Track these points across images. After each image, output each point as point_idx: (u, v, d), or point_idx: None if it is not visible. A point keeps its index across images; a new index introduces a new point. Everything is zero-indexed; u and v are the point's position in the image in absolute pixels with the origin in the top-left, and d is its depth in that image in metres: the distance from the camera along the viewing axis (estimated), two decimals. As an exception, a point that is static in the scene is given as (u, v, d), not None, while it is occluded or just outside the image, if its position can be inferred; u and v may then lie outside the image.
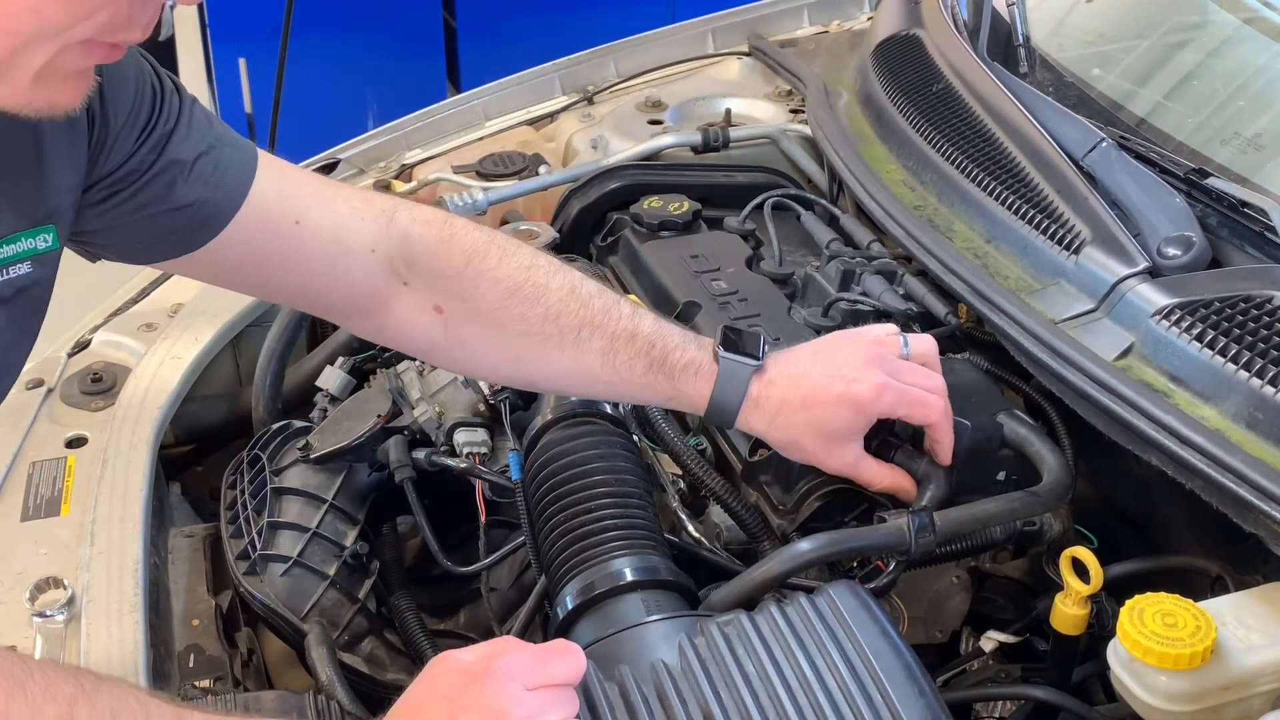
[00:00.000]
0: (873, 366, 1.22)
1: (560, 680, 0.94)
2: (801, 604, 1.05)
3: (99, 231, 1.12)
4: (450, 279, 1.23)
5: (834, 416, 1.20)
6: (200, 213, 1.13)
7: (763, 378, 1.23)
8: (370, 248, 1.21)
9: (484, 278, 1.23)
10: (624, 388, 1.26)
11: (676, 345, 1.24)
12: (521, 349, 1.24)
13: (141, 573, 1.29)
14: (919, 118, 1.65)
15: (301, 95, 3.69)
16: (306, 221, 1.19)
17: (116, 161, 1.09)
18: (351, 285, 1.23)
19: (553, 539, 1.26)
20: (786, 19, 2.36)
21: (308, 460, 1.49)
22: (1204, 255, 1.30)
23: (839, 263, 1.55)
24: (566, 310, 1.23)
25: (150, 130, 1.10)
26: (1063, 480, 1.24)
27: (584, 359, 1.23)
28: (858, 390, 1.20)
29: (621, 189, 1.84)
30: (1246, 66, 1.60)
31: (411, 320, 1.25)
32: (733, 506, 1.31)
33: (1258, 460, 1.09)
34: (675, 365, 1.23)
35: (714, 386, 1.22)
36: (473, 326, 1.24)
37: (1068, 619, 1.16)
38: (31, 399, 1.54)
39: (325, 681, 1.23)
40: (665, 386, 1.24)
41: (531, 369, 1.27)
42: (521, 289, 1.23)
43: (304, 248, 1.19)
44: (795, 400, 1.21)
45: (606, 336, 1.23)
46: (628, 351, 1.23)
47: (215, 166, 1.13)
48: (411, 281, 1.23)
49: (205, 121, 1.15)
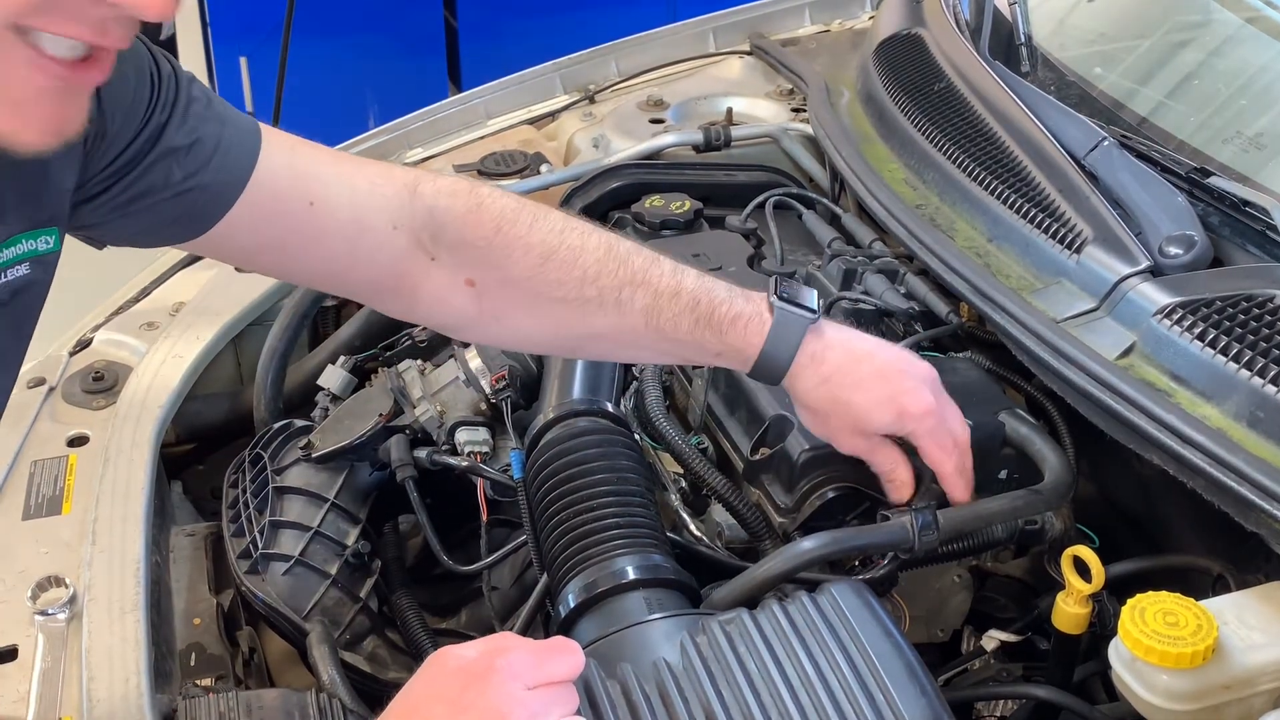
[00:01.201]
0: (929, 386, 1.19)
1: (560, 677, 0.94)
2: (803, 602, 1.05)
3: (98, 225, 1.10)
4: (481, 250, 1.18)
5: (877, 412, 1.17)
6: (201, 197, 1.10)
7: (820, 338, 1.18)
8: (392, 225, 1.16)
9: (516, 245, 1.17)
10: (670, 346, 1.20)
11: (723, 299, 1.18)
12: (561, 315, 1.19)
13: (143, 571, 1.29)
14: (921, 117, 1.65)
15: (303, 94, 3.69)
16: (321, 202, 1.14)
17: (111, 156, 1.06)
18: (375, 265, 1.18)
19: (554, 537, 1.26)
20: (788, 18, 2.36)
21: (309, 459, 1.49)
22: (1205, 254, 1.30)
23: (841, 262, 1.55)
24: (605, 271, 1.17)
25: (147, 121, 1.07)
26: (1064, 479, 1.24)
27: (627, 320, 1.18)
28: (909, 401, 1.17)
29: (623, 188, 1.84)
30: (1248, 65, 1.60)
31: (443, 297, 1.20)
32: (734, 505, 1.31)
33: (1259, 459, 1.09)
34: (724, 319, 1.17)
35: (766, 338, 1.17)
36: (508, 297, 1.19)
37: (1069, 618, 1.16)
38: (33, 398, 1.54)
39: (327, 680, 1.23)
40: (713, 342, 1.18)
41: (572, 334, 1.21)
42: (556, 253, 1.17)
43: (321, 228, 1.14)
44: (850, 375, 1.17)
45: (650, 294, 1.17)
46: (672, 308, 1.17)
47: (215, 149, 1.09)
48: (439, 256, 1.18)
49: (204, 101, 1.11)
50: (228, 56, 3.90)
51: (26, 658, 1.19)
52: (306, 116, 3.65)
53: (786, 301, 1.17)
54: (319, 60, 3.88)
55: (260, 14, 3.77)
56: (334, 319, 1.84)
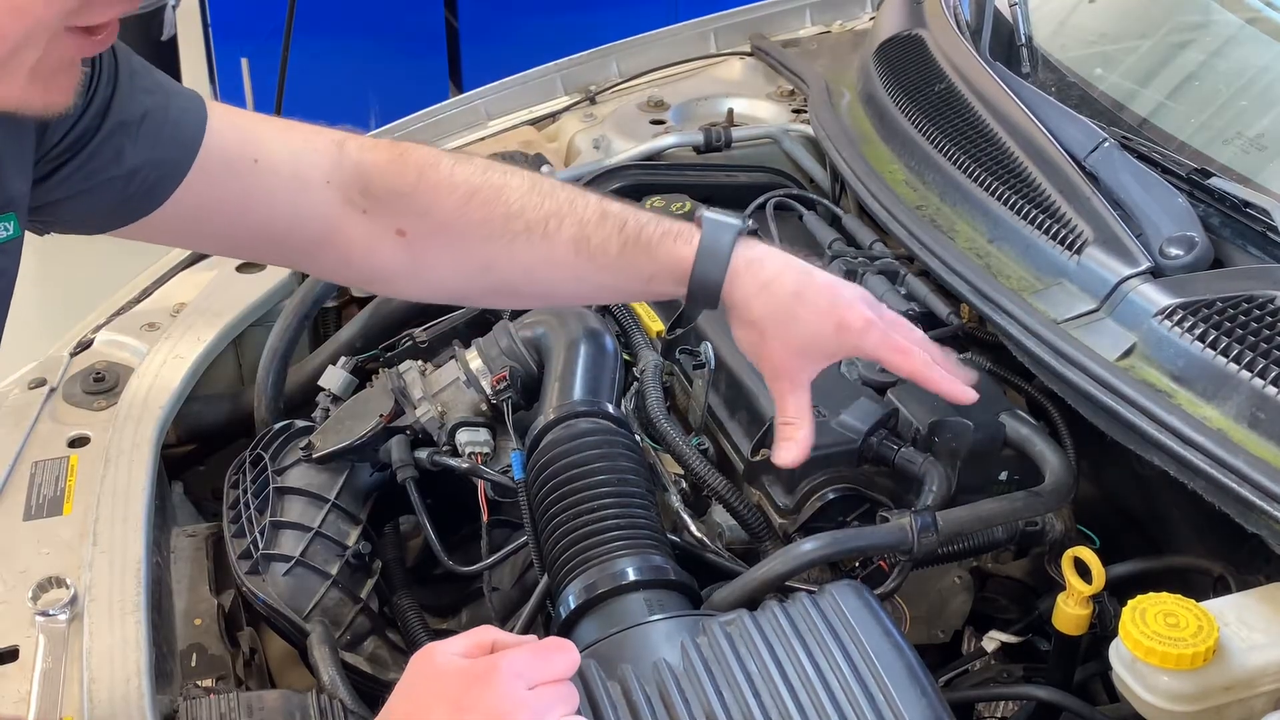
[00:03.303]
0: (864, 304, 1.17)
1: (560, 675, 0.94)
2: (804, 603, 1.05)
3: (55, 204, 1.08)
4: (406, 196, 1.19)
5: (816, 325, 1.15)
6: (154, 172, 1.10)
7: (752, 249, 1.16)
8: (325, 179, 1.19)
9: (439, 188, 1.19)
10: (603, 276, 1.20)
11: (649, 219, 1.18)
12: (489, 253, 1.20)
13: (144, 572, 1.29)
14: (921, 118, 1.65)
15: (304, 95, 3.69)
16: (265, 158, 1.16)
17: (61, 131, 1.05)
18: (314, 221, 1.20)
19: (555, 538, 1.26)
20: (789, 19, 2.36)
21: (310, 460, 1.49)
22: (1206, 255, 1.30)
23: (841, 263, 1.55)
24: (529, 205, 1.18)
25: (92, 94, 1.06)
26: (1065, 480, 1.24)
27: (555, 251, 1.18)
28: (847, 314, 1.15)
29: (624, 189, 1.84)
30: (1249, 66, 1.60)
31: (374, 248, 1.21)
32: (735, 506, 1.31)
33: (1260, 460, 1.09)
34: (652, 236, 1.17)
35: (698, 249, 1.15)
36: (437, 241, 1.20)
37: (1070, 619, 1.16)
38: (34, 398, 1.54)
39: (327, 681, 1.23)
40: (645, 262, 1.17)
41: (502, 273, 1.22)
42: (480, 191, 1.19)
43: (265, 184, 1.16)
44: (788, 287, 1.15)
45: (576, 223, 1.17)
46: (600, 233, 1.17)
47: (164, 121, 1.10)
48: (369, 209, 1.20)
49: (144, 73, 1.11)
50: (229, 57, 3.91)
51: (27, 658, 1.19)
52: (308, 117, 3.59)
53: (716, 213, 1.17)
54: (320, 61, 3.89)
55: (261, 15, 3.77)
56: (335, 320, 1.84)
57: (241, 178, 1.15)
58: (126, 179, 1.09)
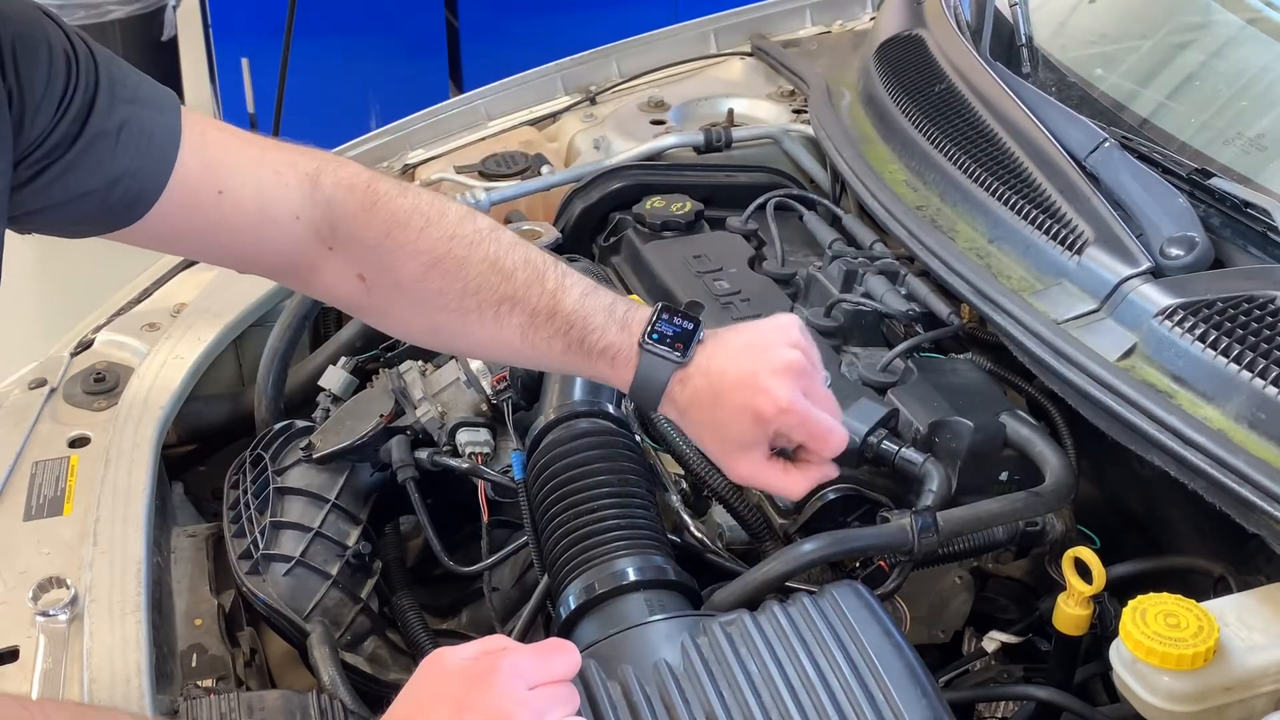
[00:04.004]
0: (788, 378, 1.14)
1: (561, 676, 0.94)
2: (804, 604, 1.05)
3: (35, 213, 1.08)
4: (371, 249, 1.20)
5: (735, 425, 1.15)
6: (133, 185, 1.10)
7: (684, 371, 1.17)
8: (295, 215, 1.18)
9: (403, 250, 1.19)
10: (544, 362, 1.24)
11: (597, 327, 1.18)
12: (441, 320, 1.22)
13: (144, 572, 1.29)
14: (922, 118, 1.65)
15: (304, 95, 3.70)
16: (229, 191, 1.15)
17: (39, 133, 1.04)
18: (277, 253, 1.20)
19: (555, 539, 1.26)
20: (789, 19, 2.36)
21: (310, 460, 1.49)
22: (1206, 255, 1.30)
23: (841, 263, 1.55)
24: (486, 285, 1.19)
25: (70, 99, 1.05)
26: (1065, 480, 1.24)
27: (503, 334, 1.20)
28: (761, 403, 1.13)
29: (624, 189, 1.84)
30: (1249, 67, 1.60)
31: (336, 284, 1.23)
32: (735, 507, 1.31)
33: (1260, 460, 1.09)
34: (593, 348, 1.18)
35: (635, 375, 1.17)
36: (394, 296, 1.22)
37: (1070, 619, 1.16)
38: (34, 399, 1.54)
39: (328, 681, 1.23)
40: (584, 367, 1.20)
41: (451, 339, 1.26)
42: (441, 262, 1.19)
43: (227, 219, 1.16)
44: (705, 399, 1.16)
45: (526, 313, 1.19)
46: (547, 330, 1.19)
47: (141, 134, 1.10)
48: (336, 247, 1.21)
49: (124, 82, 1.10)
50: (229, 57, 3.91)
51: (27, 659, 1.19)
52: (308, 117, 3.65)
53: (658, 343, 1.17)
54: (321, 61, 3.89)
55: (262, 15, 3.77)
56: (335, 320, 1.84)
57: (204, 209, 1.15)
58: (106, 189, 1.09)
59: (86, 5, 3.75)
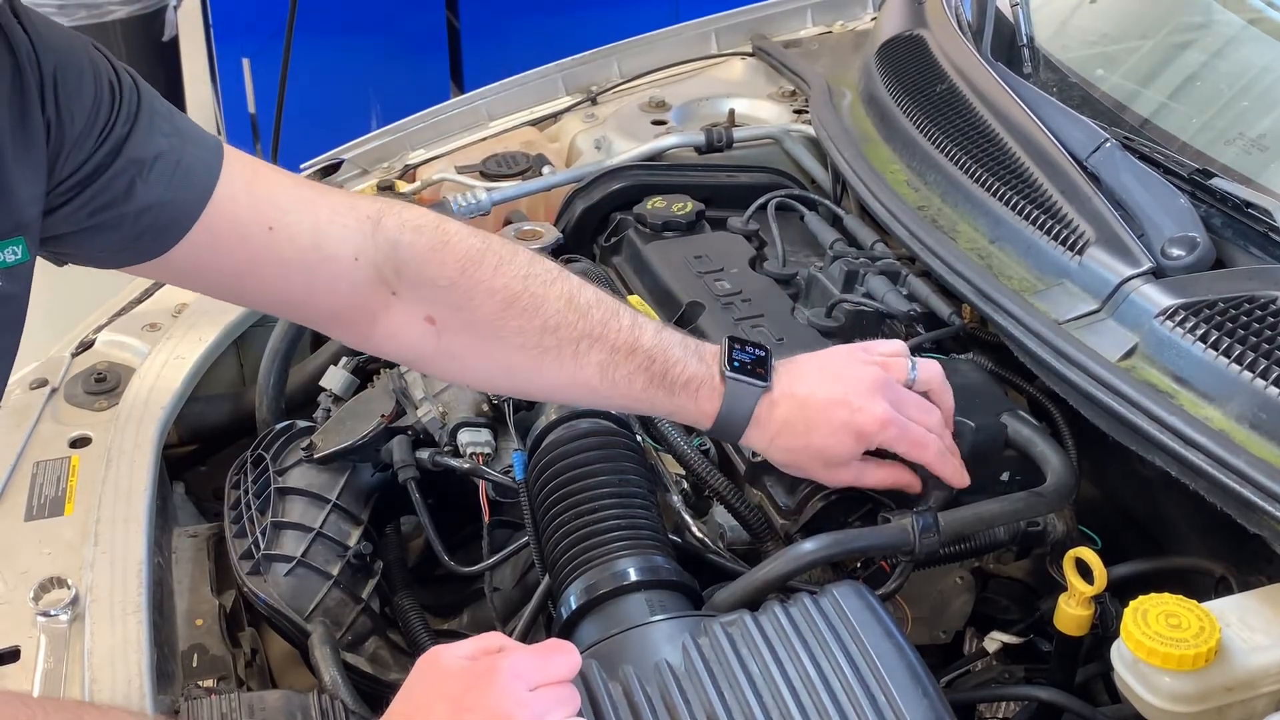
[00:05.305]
0: (878, 395, 1.19)
1: (561, 677, 0.94)
2: (805, 604, 1.05)
3: (64, 238, 1.08)
4: (444, 289, 1.17)
5: (836, 444, 1.19)
6: (163, 215, 1.09)
7: (768, 397, 1.20)
8: (354, 255, 1.16)
9: (479, 288, 1.17)
10: (623, 401, 1.22)
11: (678, 360, 1.20)
12: (517, 361, 1.20)
13: (145, 572, 1.29)
14: (923, 118, 1.65)
15: (305, 95, 3.69)
16: (281, 227, 1.13)
17: (76, 163, 1.04)
18: (334, 295, 1.17)
19: (556, 539, 1.26)
20: (790, 19, 2.36)
21: (311, 460, 1.49)
22: (1208, 256, 1.30)
23: (843, 263, 1.55)
24: (565, 322, 1.18)
25: (109, 130, 1.05)
26: (1066, 481, 1.24)
27: (582, 373, 1.19)
28: (861, 421, 1.18)
29: (625, 189, 1.84)
30: (1250, 67, 1.60)
31: (400, 331, 1.20)
32: (736, 507, 1.31)
33: (1262, 461, 1.09)
34: (676, 381, 1.19)
35: (720, 406, 1.19)
36: (466, 338, 1.20)
37: (1071, 620, 1.15)
38: (35, 399, 1.54)
39: (329, 681, 1.23)
40: (665, 402, 1.20)
41: (526, 381, 1.23)
42: (519, 300, 1.17)
43: (279, 255, 1.14)
44: (799, 424, 1.19)
45: (606, 350, 1.18)
46: (627, 366, 1.19)
47: (176, 166, 1.08)
48: (401, 291, 1.18)
49: (166, 116, 1.10)
50: (230, 58, 3.91)
51: (28, 659, 1.19)
52: (309, 117, 3.65)
53: (738, 371, 1.19)
54: (321, 61, 3.89)
55: (262, 15, 3.77)
56: (336, 320, 1.84)
57: (253, 243, 1.13)
58: (136, 217, 1.08)
59: (87, 5, 3.75)
